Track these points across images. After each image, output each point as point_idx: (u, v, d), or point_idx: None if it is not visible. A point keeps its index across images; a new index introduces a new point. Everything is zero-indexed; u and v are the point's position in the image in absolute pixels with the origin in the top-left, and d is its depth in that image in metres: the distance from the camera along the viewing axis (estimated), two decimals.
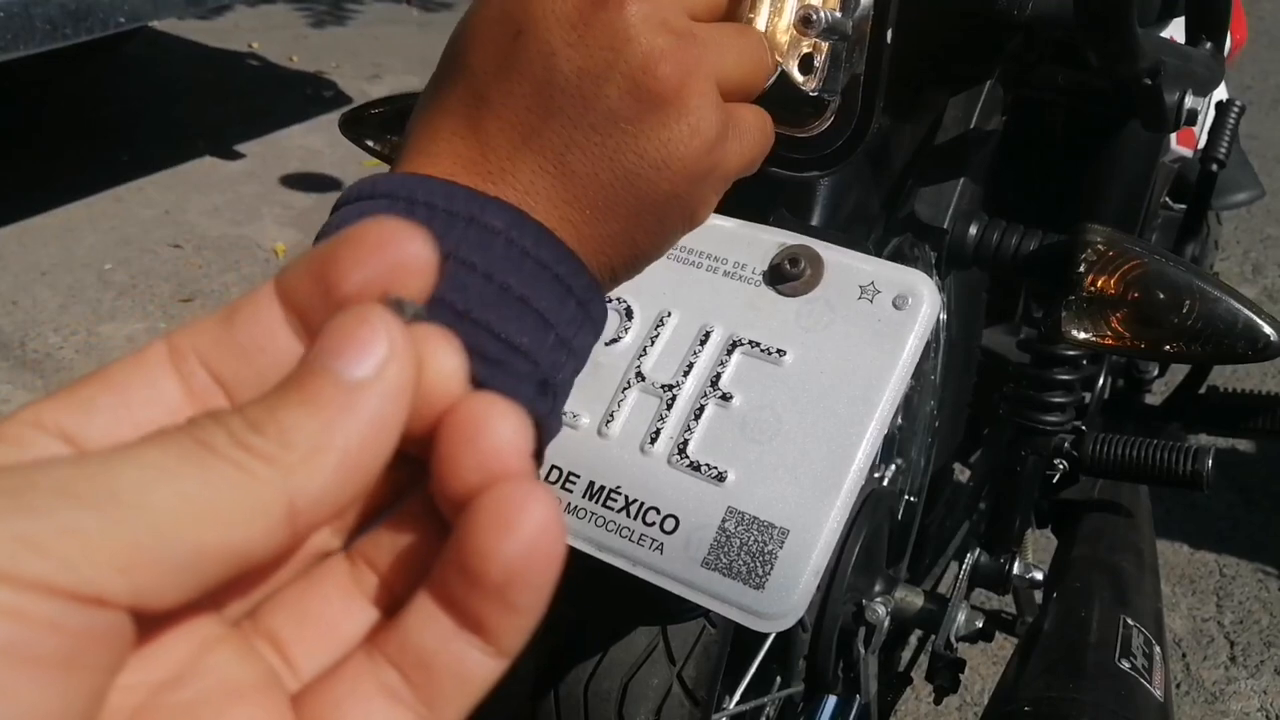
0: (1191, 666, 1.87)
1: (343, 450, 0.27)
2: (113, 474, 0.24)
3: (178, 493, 0.25)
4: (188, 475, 0.25)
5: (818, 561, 0.60)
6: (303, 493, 0.26)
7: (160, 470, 0.25)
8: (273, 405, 0.27)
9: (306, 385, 0.27)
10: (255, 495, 0.26)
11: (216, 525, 0.25)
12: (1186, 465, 1.12)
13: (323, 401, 0.27)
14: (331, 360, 0.27)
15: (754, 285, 0.67)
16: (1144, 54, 0.78)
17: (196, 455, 0.25)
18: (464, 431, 0.29)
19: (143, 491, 0.24)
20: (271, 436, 0.26)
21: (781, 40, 0.66)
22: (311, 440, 0.27)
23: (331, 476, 0.27)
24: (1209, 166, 1.26)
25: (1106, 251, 0.76)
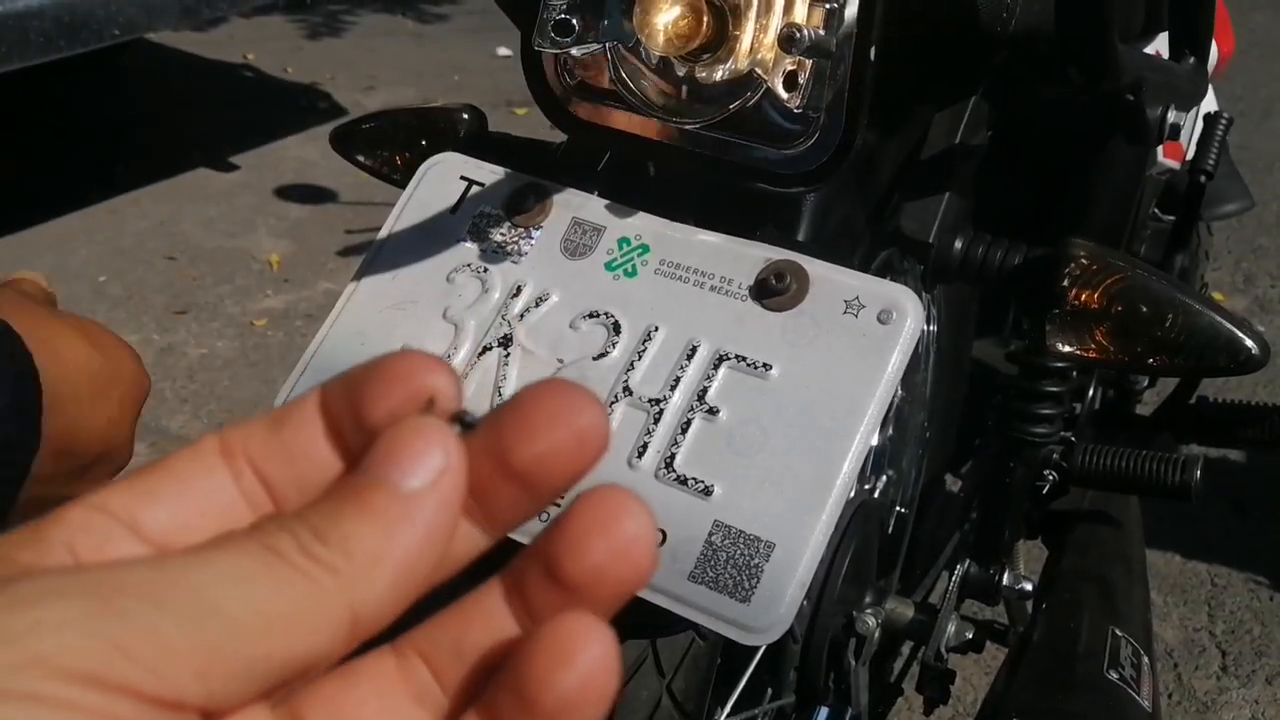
0: (1183, 676, 1.88)
1: (401, 560, 0.28)
2: (191, 579, 0.26)
3: (251, 600, 0.26)
4: (260, 583, 0.26)
5: (804, 575, 0.60)
6: (364, 603, 0.27)
7: (235, 577, 0.26)
8: (334, 514, 0.28)
9: (365, 495, 0.28)
10: (322, 606, 0.27)
11: (286, 633, 0.26)
12: (1176, 476, 1.13)
13: (380, 512, 0.28)
14: (390, 471, 0.28)
15: (740, 300, 0.68)
16: (1126, 70, 0.79)
17: (267, 563, 0.27)
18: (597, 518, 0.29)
19: (219, 598, 0.25)
20: (335, 546, 0.27)
21: (766, 58, 0.67)
22: (372, 551, 0.27)
23: (390, 586, 0.28)
24: (1197, 178, 1.27)
25: (1090, 265, 0.77)
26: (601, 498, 0.29)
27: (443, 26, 5.20)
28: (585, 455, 0.29)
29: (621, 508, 0.29)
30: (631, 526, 0.29)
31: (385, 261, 0.75)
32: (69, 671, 0.23)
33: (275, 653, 0.26)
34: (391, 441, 0.29)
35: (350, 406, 0.30)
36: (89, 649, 0.24)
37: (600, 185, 0.77)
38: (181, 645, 0.24)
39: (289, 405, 0.31)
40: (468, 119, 0.90)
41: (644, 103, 0.71)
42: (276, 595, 0.26)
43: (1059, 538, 1.24)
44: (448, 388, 0.30)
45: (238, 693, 0.26)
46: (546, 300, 0.71)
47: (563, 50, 0.67)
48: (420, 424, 0.29)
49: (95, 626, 0.24)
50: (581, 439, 0.29)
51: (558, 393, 0.29)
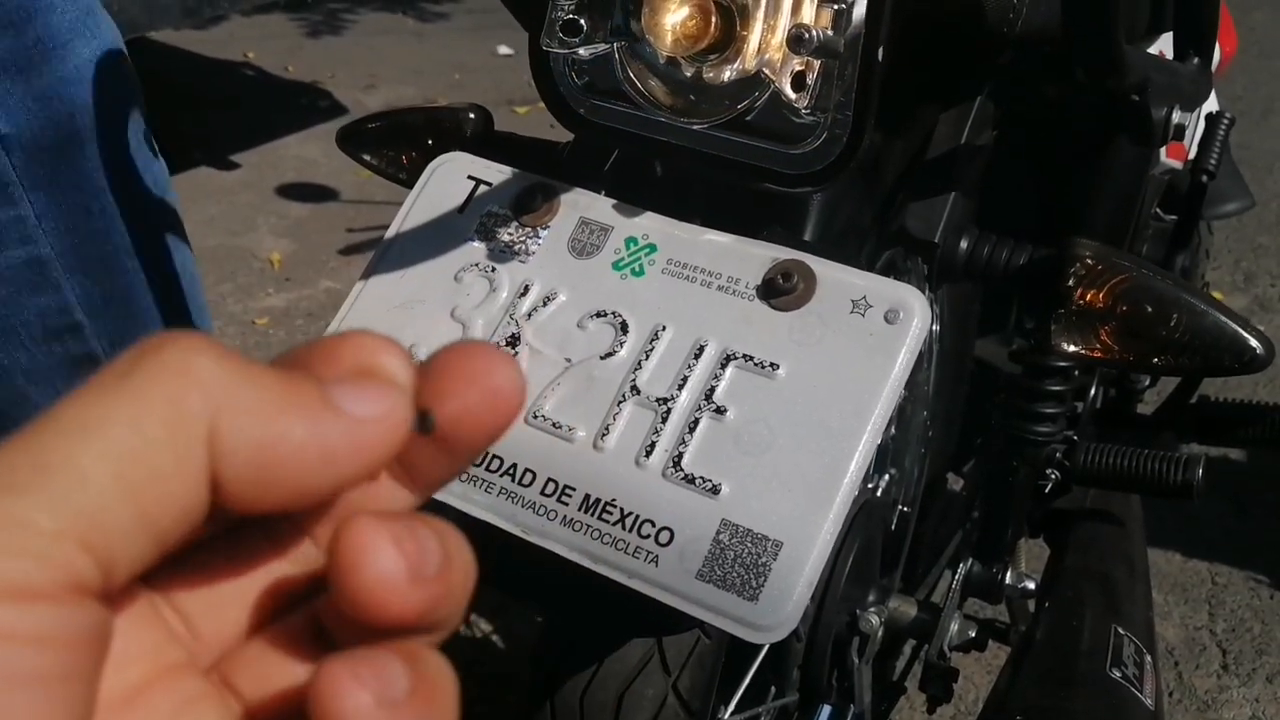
0: (1184, 675, 1.88)
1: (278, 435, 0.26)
2: (40, 447, 0.24)
3: (104, 449, 0.24)
4: (114, 423, 0.24)
5: (811, 573, 0.60)
6: (224, 436, 0.25)
7: (84, 426, 0.24)
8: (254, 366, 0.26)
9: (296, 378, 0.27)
10: (182, 431, 0.25)
11: (149, 475, 0.24)
12: (1177, 475, 1.13)
13: (298, 393, 0.26)
14: (334, 384, 0.27)
15: (748, 300, 0.68)
16: (1131, 70, 0.79)
17: (118, 393, 0.25)
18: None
19: (70, 457, 0.23)
20: (225, 370, 0.26)
21: (774, 58, 0.68)
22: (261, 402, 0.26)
23: (254, 445, 0.26)
24: (1199, 178, 1.27)
25: (1095, 265, 0.77)
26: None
27: (443, 25, 5.20)
28: (501, 414, 0.29)
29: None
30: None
31: (393, 261, 0.75)
32: None
33: (146, 502, 0.24)
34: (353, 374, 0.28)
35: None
36: None
37: (607, 185, 0.77)
38: (48, 521, 0.23)
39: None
40: (474, 119, 0.91)
41: (651, 103, 0.71)
42: (135, 431, 0.24)
43: (1061, 536, 1.24)
44: (401, 370, 0.29)
45: (128, 557, 0.24)
46: (554, 299, 0.71)
47: (571, 50, 0.68)
48: (387, 380, 0.28)
49: None
50: (496, 398, 0.29)
51: (472, 354, 0.29)
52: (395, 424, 0.27)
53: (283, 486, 0.26)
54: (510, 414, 0.29)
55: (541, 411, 0.68)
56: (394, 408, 0.27)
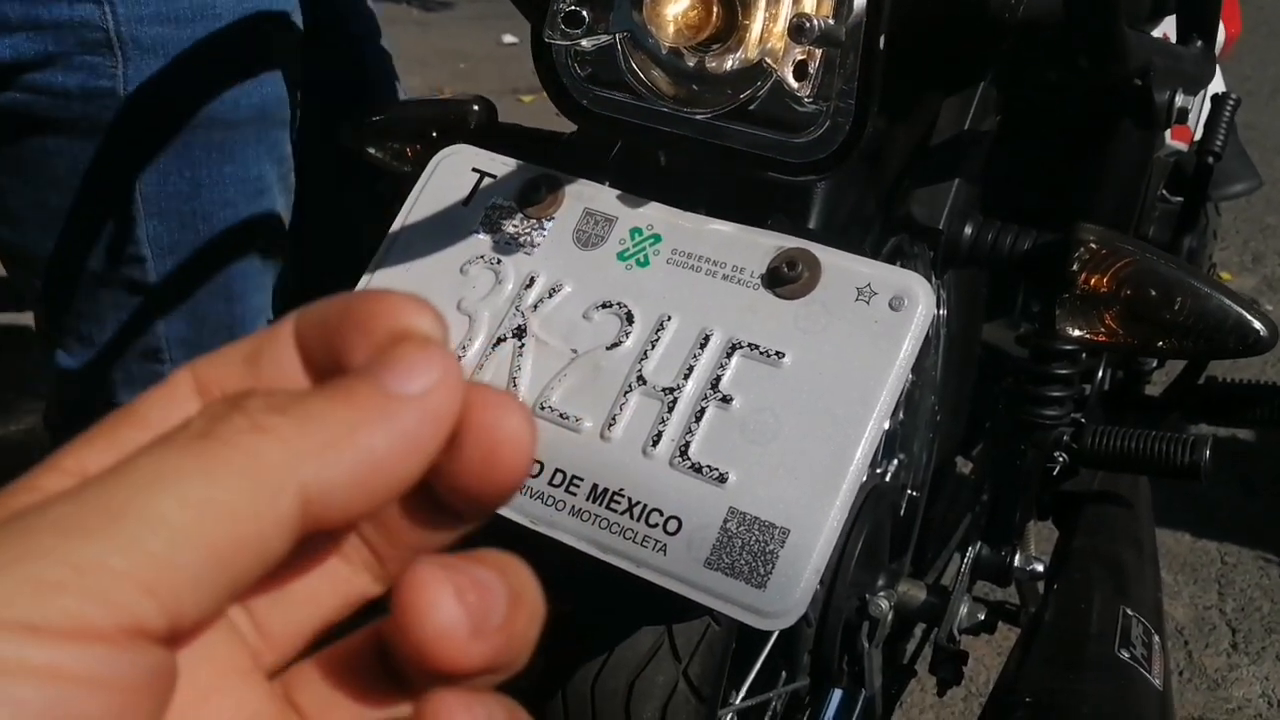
0: (1194, 654, 1.88)
1: (366, 450, 0.26)
2: (111, 494, 0.23)
3: (181, 496, 0.23)
4: (190, 475, 0.24)
5: (818, 560, 0.61)
6: (316, 481, 0.25)
7: (159, 477, 0.24)
8: (303, 394, 0.26)
9: (345, 385, 0.27)
10: (264, 481, 0.24)
11: (226, 520, 0.24)
12: (1185, 456, 1.13)
13: (358, 401, 0.26)
14: (381, 371, 0.27)
15: (752, 288, 0.68)
16: (1134, 54, 0.79)
17: (199, 451, 0.24)
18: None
19: (146, 504, 0.23)
20: (293, 418, 0.25)
21: (776, 47, 0.68)
22: (334, 430, 0.25)
23: (349, 471, 0.25)
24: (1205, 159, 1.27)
25: (1099, 250, 0.77)
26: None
27: (447, 14, 5.20)
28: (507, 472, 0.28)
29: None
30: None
31: (398, 254, 0.75)
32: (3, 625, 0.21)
33: (224, 546, 0.24)
34: (393, 350, 0.27)
35: (327, 345, 0.29)
36: (16, 596, 0.21)
37: (611, 176, 0.77)
38: (117, 561, 0.22)
39: (262, 335, 0.29)
40: (478, 110, 0.91)
41: (654, 93, 0.71)
42: (210, 482, 0.24)
43: (1070, 519, 1.24)
44: (434, 329, 0.28)
45: (198, 599, 0.24)
46: (560, 291, 0.72)
47: (573, 42, 0.68)
48: (423, 341, 0.27)
49: (14, 571, 0.21)
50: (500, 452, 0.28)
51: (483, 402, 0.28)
52: (454, 383, 0.27)
53: (380, 492, 0.26)
54: (517, 471, 0.29)
55: (548, 402, 0.68)
56: (446, 368, 0.27)
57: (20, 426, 2.32)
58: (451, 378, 0.27)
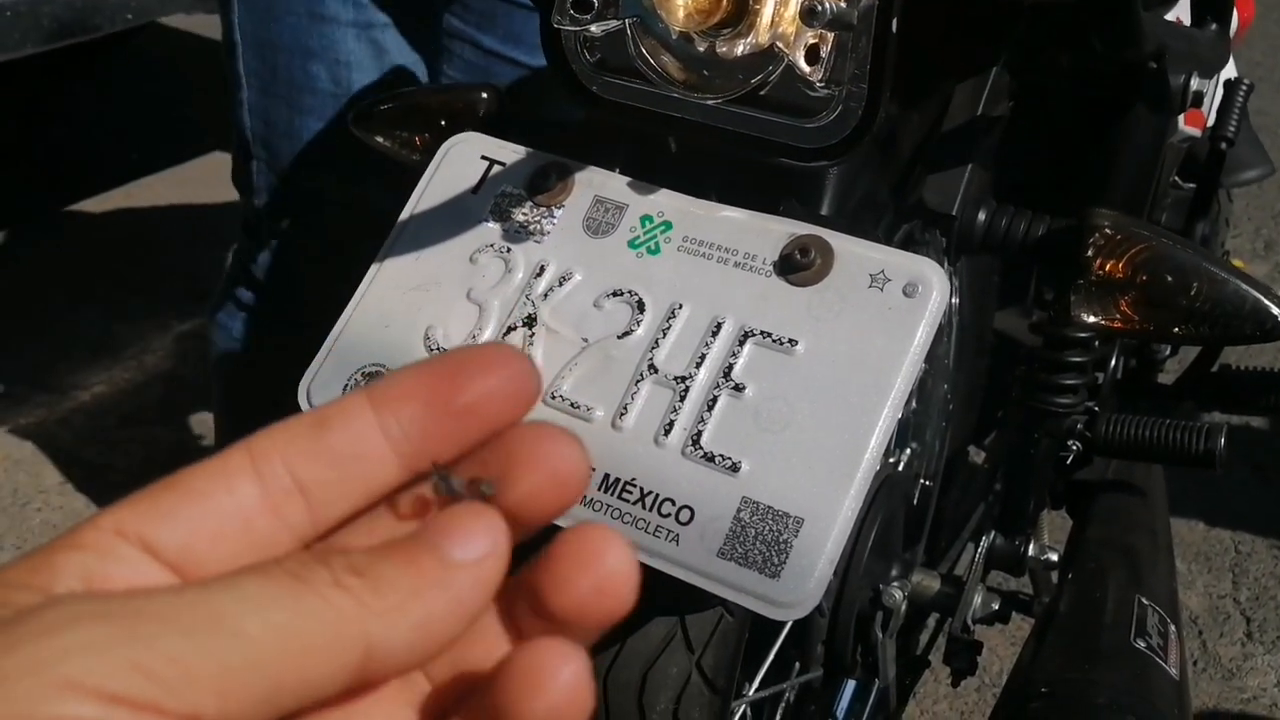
0: (1208, 644, 1.88)
1: (426, 614, 0.29)
2: (213, 603, 0.27)
3: (269, 623, 0.27)
4: (280, 607, 0.27)
5: (833, 549, 0.60)
6: (381, 640, 0.28)
7: (256, 601, 0.27)
8: (378, 558, 0.29)
9: (410, 552, 0.29)
10: (339, 631, 0.28)
11: (302, 656, 0.27)
12: (1199, 444, 1.12)
13: (421, 568, 0.29)
14: (440, 538, 0.30)
15: (765, 276, 0.68)
16: (1148, 38, 0.79)
17: (291, 588, 0.28)
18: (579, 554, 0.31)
19: (240, 620, 0.27)
20: (366, 581, 0.28)
21: (788, 32, 0.67)
22: (401, 595, 0.29)
23: (409, 633, 0.29)
24: (1218, 145, 1.26)
25: (1114, 235, 0.77)
26: (584, 535, 0.31)
27: None
28: (566, 496, 0.32)
29: (604, 543, 0.31)
30: (612, 561, 0.31)
31: (407, 243, 0.75)
32: (97, 692, 0.24)
33: (290, 674, 0.27)
34: (449, 515, 0.30)
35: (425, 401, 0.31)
36: (114, 671, 0.25)
37: (621, 163, 0.77)
38: (201, 667, 0.26)
39: (333, 405, 0.32)
40: (486, 98, 0.90)
41: (664, 79, 0.71)
42: (294, 618, 0.27)
43: (1083, 508, 1.24)
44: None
45: (253, 714, 0.27)
46: (570, 279, 0.71)
47: (582, 27, 0.67)
48: (478, 508, 0.30)
49: (121, 650, 0.25)
50: (560, 480, 0.32)
51: (539, 436, 0.32)
52: (503, 550, 0.30)
53: (433, 650, 0.30)
54: (574, 496, 0.32)
55: (559, 392, 0.68)
56: (497, 538, 0.30)
57: (30, 420, 2.32)
58: (500, 546, 0.30)
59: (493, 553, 0.30)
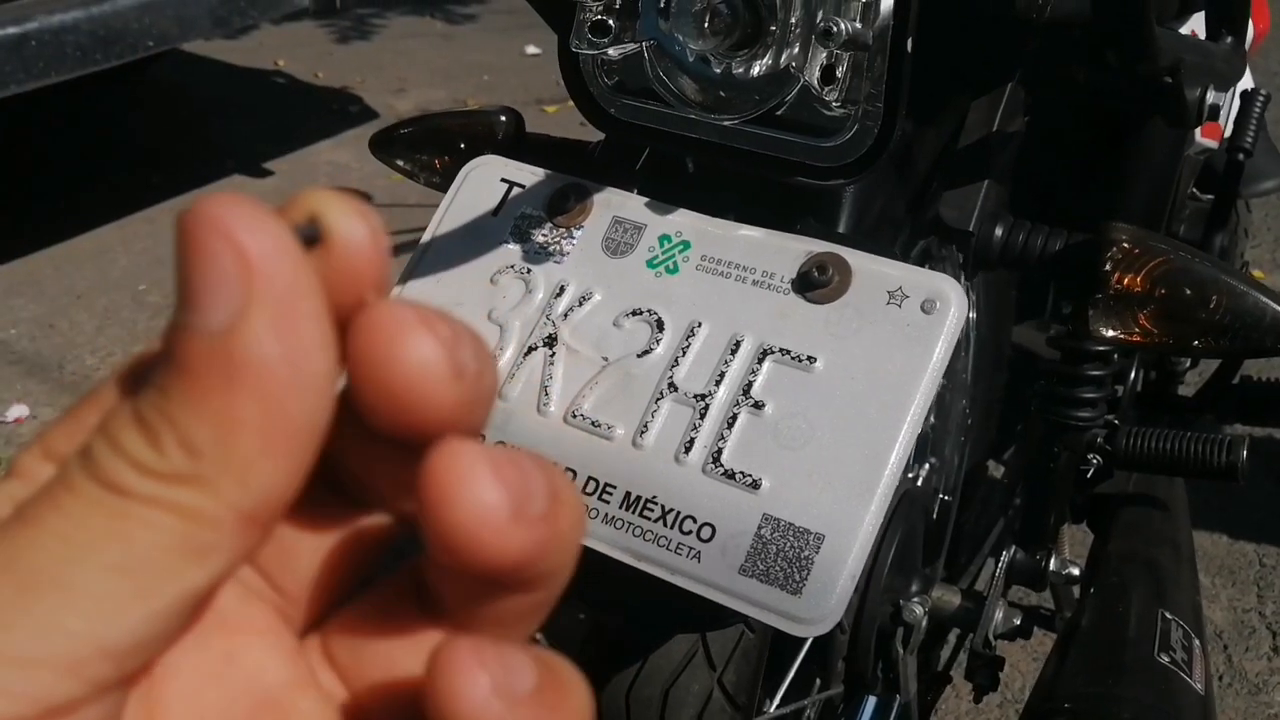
0: (1234, 658, 1.86)
1: (258, 426, 0.22)
2: (27, 564, 0.21)
3: (105, 566, 0.21)
4: (110, 541, 0.21)
5: (854, 566, 0.60)
6: (241, 498, 0.22)
7: (71, 544, 0.21)
8: (159, 401, 0.22)
9: (177, 357, 0.22)
10: (195, 532, 0.22)
11: (166, 579, 0.22)
12: (1221, 457, 1.12)
13: (199, 372, 0.22)
14: (189, 315, 0.22)
15: (783, 293, 0.68)
16: (1163, 52, 0.79)
17: (108, 508, 0.22)
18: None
19: (62, 576, 0.21)
20: (172, 449, 0.22)
21: (803, 52, 0.68)
22: (215, 433, 0.22)
23: (262, 464, 0.22)
24: (1235, 156, 1.26)
25: (1132, 249, 0.77)
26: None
27: (471, 26, 5.22)
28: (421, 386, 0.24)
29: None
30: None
31: (429, 265, 0.76)
32: None
33: (167, 601, 0.22)
34: (182, 264, 0.22)
35: None
36: None
37: (640, 183, 0.77)
38: (33, 649, 0.21)
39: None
40: (505, 121, 0.91)
41: (682, 100, 0.71)
42: (138, 544, 0.21)
43: (1105, 521, 1.23)
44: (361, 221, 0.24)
45: (142, 650, 0.22)
46: (590, 299, 0.71)
47: (600, 51, 0.68)
48: (201, 223, 0.22)
49: None
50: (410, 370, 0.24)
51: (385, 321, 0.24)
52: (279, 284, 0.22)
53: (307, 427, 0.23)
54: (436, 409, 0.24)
55: (580, 410, 0.68)
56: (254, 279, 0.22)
57: None
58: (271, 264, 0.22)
59: (254, 287, 0.21)
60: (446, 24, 5.28)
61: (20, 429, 2.38)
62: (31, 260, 3.05)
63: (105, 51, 2.56)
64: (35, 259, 3.05)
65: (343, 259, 0.24)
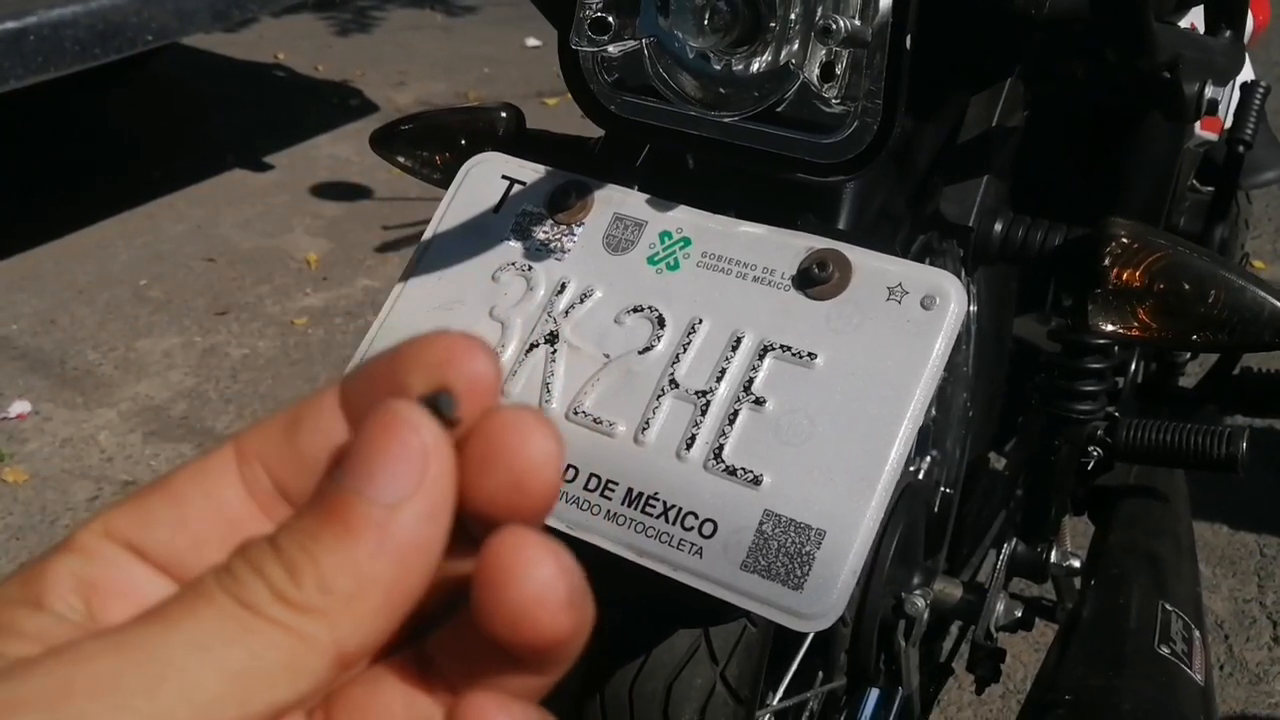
0: (1234, 648, 1.87)
1: (386, 586, 0.25)
2: (156, 657, 0.24)
3: (227, 668, 0.24)
4: (233, 648, 0.24)
5: (855, 561, 0.61)
6: (350, 639, 0.25)
7: (205, 645, 0.24)
8: (307, 542, 0.26)
9: (339, 513, 0.26)
10: (304, 655, 0.25)
11: (269, 688, 0.25)
12: (1221, 448, 1.12)
13: (356, 532, 0.25)
14: (362, 484, 0.26)
15: (783, 290, 0.68)
16: (1162, 47, 0.79)
17: (238, 621, 0.25)
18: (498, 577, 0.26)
19: (191, 672, 0.24)
20: (310, 584, 0.25)
21: (803, 49, 0.68)
22: (351, 583, 0.25)
23: (375, 615, 0.26)
24: (1235, 148, 1.26)
25: (1131, 244, 0.77)
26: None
27: (471, 19, 5.21)
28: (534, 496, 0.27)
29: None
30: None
31: (431, 263, 0.76)
32: None
33: (258, 709, 0.24)
34: (364, 445, 0.26)
35: (379, 396, 0.27)
36: None
37: (640, 180, 0.77)
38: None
39: (304, 403, 0.29)
40: (506, 118, 0.91)
41: (681, 97, 0.71)
42: (252, 657, 0.24)
43: (1105, 513, 1.24)
44: (488, 368, 0.27)
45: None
46: (591, 296, 0.72)
47: (600, 48, 0.68)
48: (394, 419, 0.26)
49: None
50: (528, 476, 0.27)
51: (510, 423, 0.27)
52: (441, 474, 0.26)
53: (407, 604, 0.26)
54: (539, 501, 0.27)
55: (582, 407, 0.68)
56: (426, 459, 0.26)
57: (57, 438, 2.34)
58: (436, 456, 0.26)
59: (427, 471, 0.25)
60: (447, 16, 5.27)
61: (22, 425, 2.38)
62: (32, 255, 3.05)
63: (104, 46, 2.55)
64: (35, 254, 3.06)
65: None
